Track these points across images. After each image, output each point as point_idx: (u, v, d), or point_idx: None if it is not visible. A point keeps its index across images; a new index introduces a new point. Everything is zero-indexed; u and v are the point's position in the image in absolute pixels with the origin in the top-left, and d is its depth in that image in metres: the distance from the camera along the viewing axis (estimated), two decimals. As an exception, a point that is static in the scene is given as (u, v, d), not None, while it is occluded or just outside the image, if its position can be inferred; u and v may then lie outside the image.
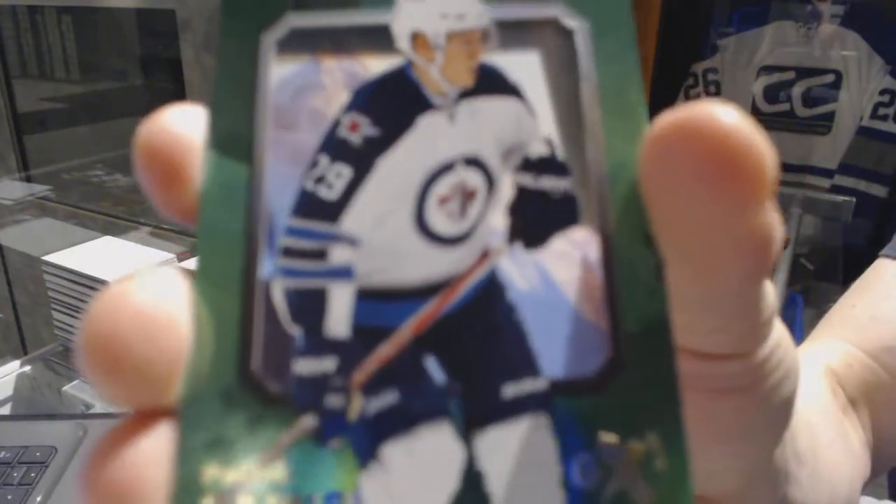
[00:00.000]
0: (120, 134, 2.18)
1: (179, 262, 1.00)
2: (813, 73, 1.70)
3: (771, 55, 1.74)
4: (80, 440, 0.68)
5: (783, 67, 1.73)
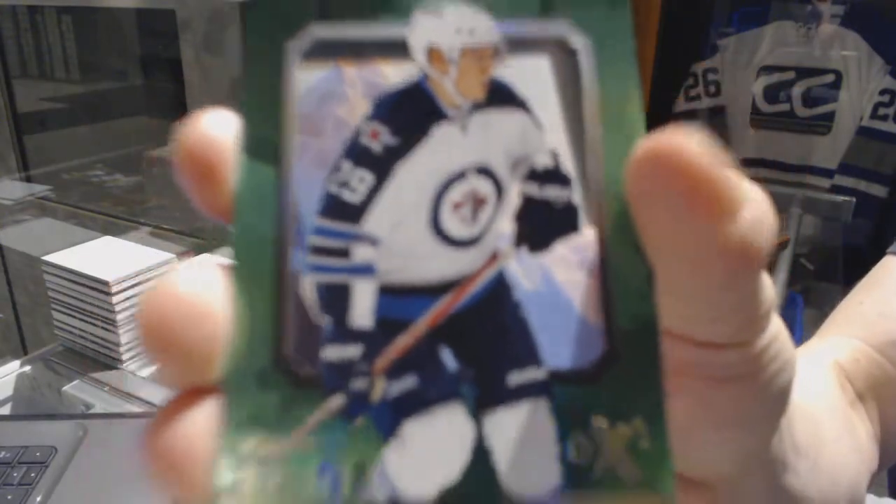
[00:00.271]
0: (120, 134, 2.18)
1: (179, 261, 1.00)
2: (813, 73, 1.70)
3: (771, 55, 1.74)
4: (79, 440, 0.68)
5: (783, 67, 1.73)
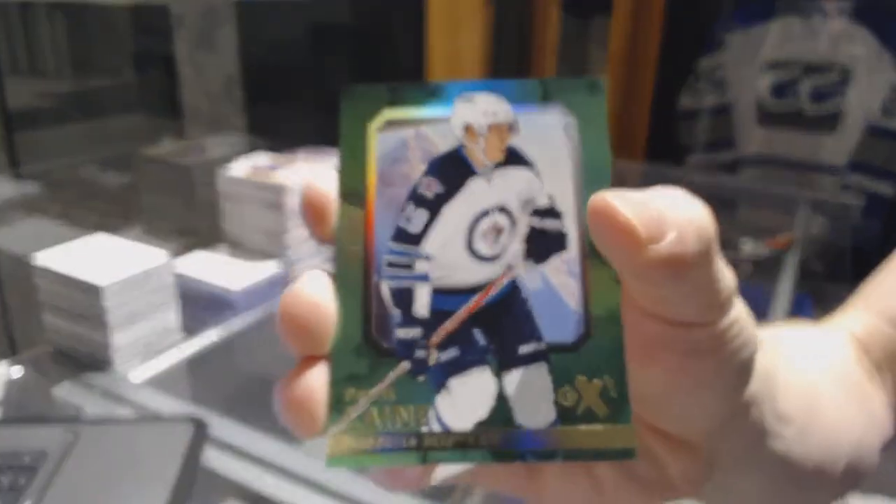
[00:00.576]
0: (113, 131, 2.16)
1: (174, 258, 0.98)
2: (820, 69, 1.69)
3: (777, 51, 1.73)
4: (70, 444, 0.67)
5: (790, 63, 1.72)
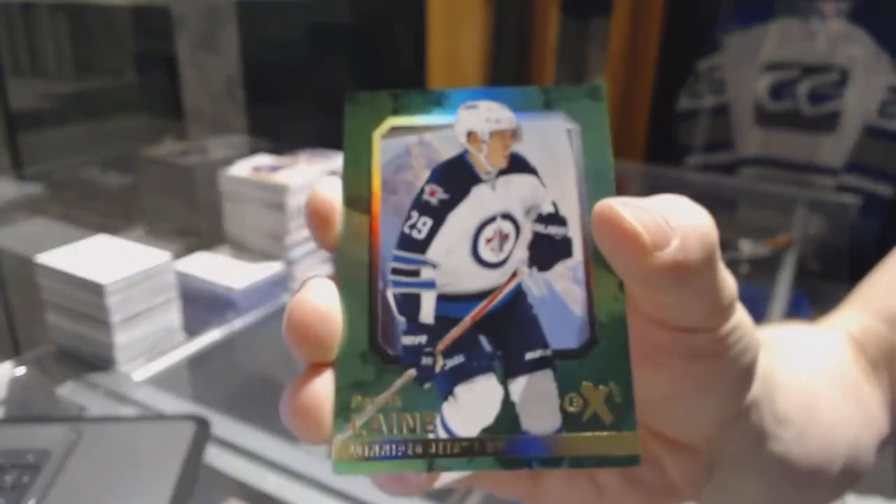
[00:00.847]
0: (115, 133, 2.16)
1: (176, 260, 0.98)
2: (818, 70, 1.69)
3: (776, 52, 1.73)
4: (73, 443, 0.67)
5: (788, 65, 1.72)
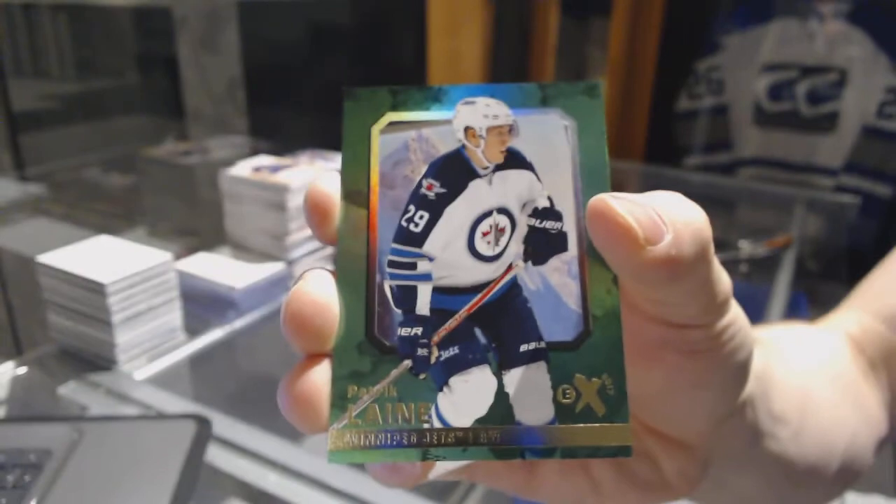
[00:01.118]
0: (116, 133, 2.16)
1: (177, 260, 0.99)
2: (817, 71, 1.69)
3: (774, 53, 1.73)
4: (75, 443, 0.67)
5: (787, 65, 1.72)
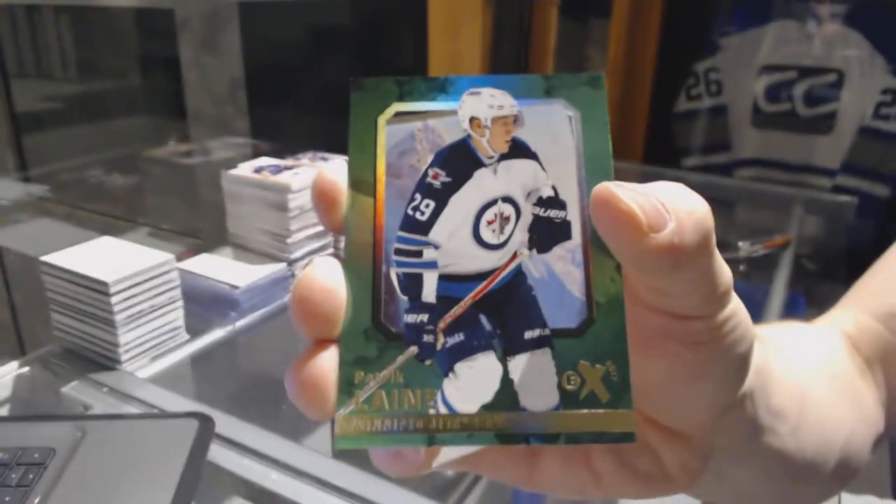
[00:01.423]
0: (118, 133, 2.17)
1: (179, 261, 0.99)
2: (815, 72, 1.70)
3: (772, 54, 1.73)
4: (78, 441, 0.67)
5: (785, 67, 1.72)
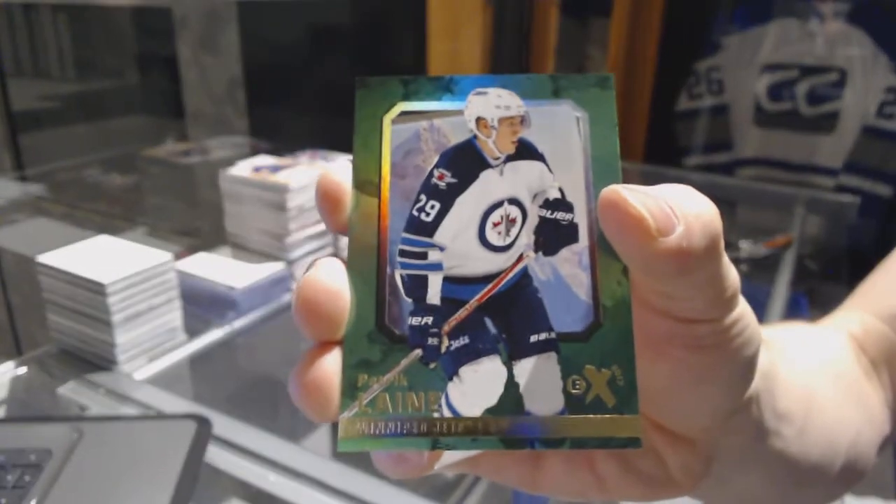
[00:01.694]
0: (116, 133, 2.17)
1: (177, 260, 0.99)
2: (817, 71, 1.70)
3: (774, 53, 1.73)
4: (75, 443, 0.67)
5: (787, 65, 1.72)
